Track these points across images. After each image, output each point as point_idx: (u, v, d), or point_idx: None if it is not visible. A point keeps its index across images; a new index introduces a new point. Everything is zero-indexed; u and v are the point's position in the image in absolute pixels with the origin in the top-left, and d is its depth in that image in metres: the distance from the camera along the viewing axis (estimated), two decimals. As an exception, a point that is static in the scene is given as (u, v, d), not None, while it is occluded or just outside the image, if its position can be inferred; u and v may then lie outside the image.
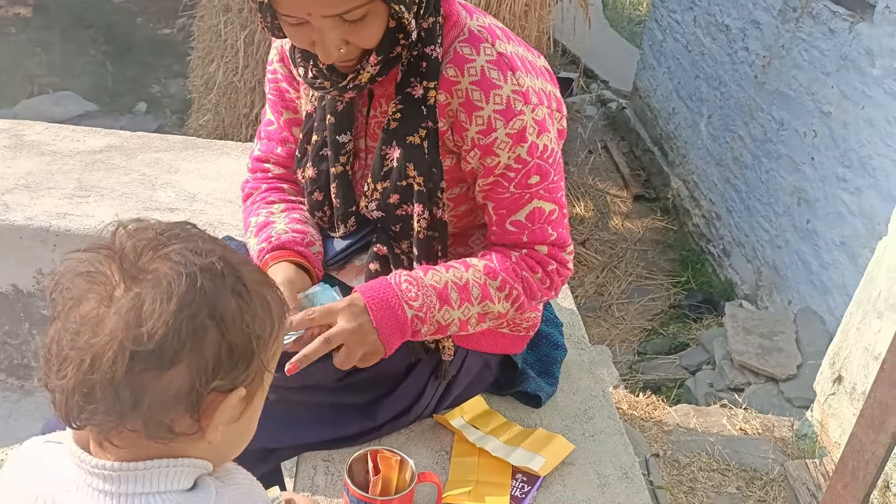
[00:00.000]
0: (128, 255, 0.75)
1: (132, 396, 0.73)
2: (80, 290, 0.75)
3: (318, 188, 1.42)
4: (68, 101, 5.98)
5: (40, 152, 2.19)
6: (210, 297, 0.75)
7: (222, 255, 0.78)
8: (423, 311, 1.27)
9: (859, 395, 2.22)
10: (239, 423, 0.82)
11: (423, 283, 1.29)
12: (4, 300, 1.95)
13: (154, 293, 0.73)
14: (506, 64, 1.28)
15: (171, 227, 0.79)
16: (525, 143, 1.29)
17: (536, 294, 1.37)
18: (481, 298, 1.32)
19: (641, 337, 5.22)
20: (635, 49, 8.27)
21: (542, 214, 1.34)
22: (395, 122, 1.31)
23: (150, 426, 0.75)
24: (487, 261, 1.34)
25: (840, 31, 4.46)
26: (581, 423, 1.56)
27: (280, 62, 1.47)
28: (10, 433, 1.95)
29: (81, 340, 0.72)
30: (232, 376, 0.77)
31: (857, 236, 4.14)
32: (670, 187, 6.40)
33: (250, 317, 0.78)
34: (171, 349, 0.73)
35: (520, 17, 4.41)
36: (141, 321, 0.72)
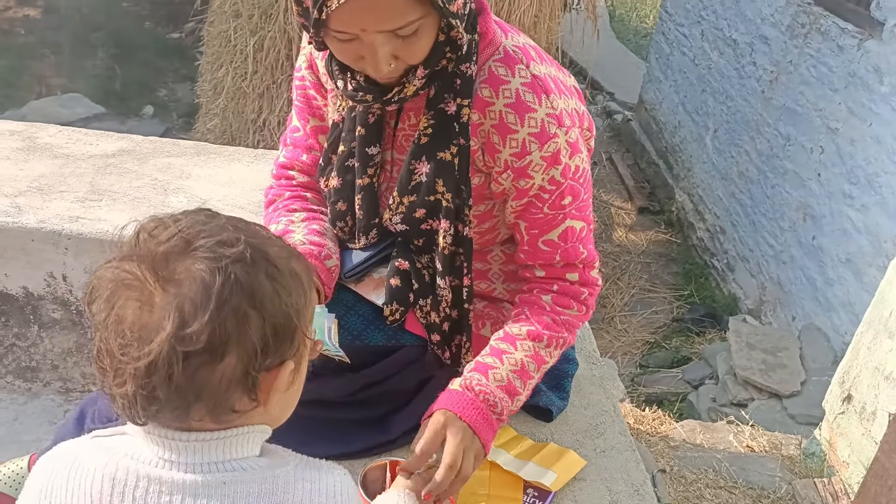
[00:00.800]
0: (159, 259, 0.78)
1: (193, 390, 0.77)
2: (119, 297, 0.77)
3: (342, 198, 1.42)
4: (76, 103, 5.99)
5: (53, 155, 2.19)
6: (246, 286, 0.77)
7: (247, 239, 0.80)
8: (504, 414, 1.30)
9: (869, 414, 2.22)
10: (291, 389, 0.86)
11: (492, 388, 1.29)
12: (14, 302, 1.95)
13: (192, 293, 0.76)
14: (540, 87, 1.28)
15: (192, 223, 0.81)
16: (559, 166, 1.30)
17: (577, 326, 1.40)
18: (538, 368, 1.35)
19: (644, 350, 5.22)
20: (642, 61, 8.29)
21: (574, 233, 1.36)
22: (426, 137, 1.31)
23: (214, 412, 0.80)
24: (528, 325, 1.35)
25: (848, 48, 4.47)
26: (592, 438, 1.55)
27: (309, 69, 1.46)
28: (15, 437, 1.94)
29: (133, 350, 0.76)
30: (280, 353, 0.81)
31: (863, 254, 4.14)
32: (675, 200, 6.40)
33: (286, 294, 0.81)
34: (220, 343, 0.76)
35: (529, 28, 4.42)
36: (186, 323, 0.75)
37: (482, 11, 1.31)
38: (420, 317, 1.44)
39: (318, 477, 0.86)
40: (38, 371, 2.02)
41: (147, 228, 0.80)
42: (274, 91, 4.51)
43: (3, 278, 1.92)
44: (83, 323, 1.97)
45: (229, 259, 0.77)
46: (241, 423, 0.83)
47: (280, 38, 4.35)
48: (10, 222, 1.87)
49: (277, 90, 4.49)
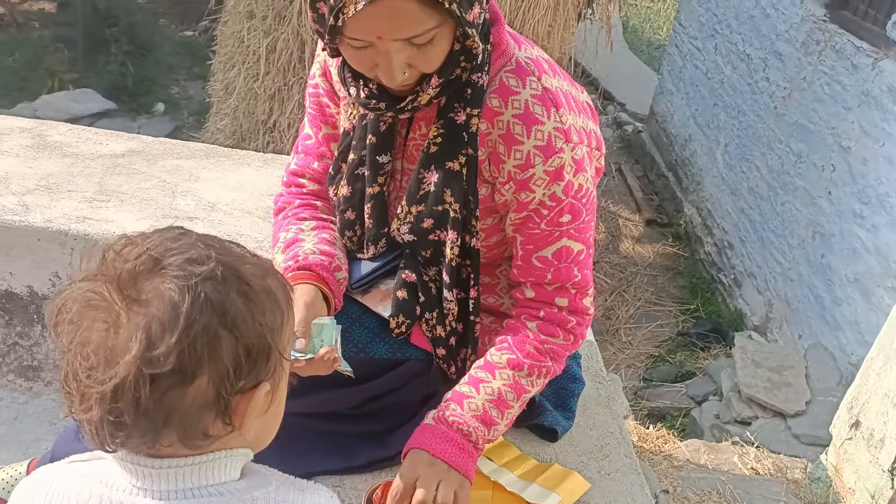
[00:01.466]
0: (125, 278, 0.74)
1: (162, 415, 0.74)
2: (85, 319, 0.74)
3: (351, 207, 1.40)
4: (87, 98, 6.00)
5: (62, 154, 2.18)
6: (217, 304, 0.74)
7: (218, 257, 0.77)
8: (480, 443, 1.30)
9: (877, 441, 2.20)
10: (268, 412, 0.83)
11: (466, 417, 1.28)
12: (19, 301, 1.94)
13: (160, 313, 0.72)
14: (550, 100, 1.26)
15: (161, 241, 0.78)
16: (561, 182, 1.28)
17: (563, 355, 1.37)
18: (517, 397, 1.33)
19: (648, 363, 5.20)
20: (653, 73, 8.28)
21: (569, 254, 1.33)
22: (436, 146, 1.30)
23: (185, 437, 0.76)
24: (508, 353, 1.33)
25: (863, 67, 4.45)
26: (597, 459, 1.53)
27: (322, 77, 1.45)
28: (15, 436, 1.93)
29: (99, 373, 0.72)
30: (254, 374, 0.78)
31: (872, 274, 4.11)
32: (683, 214, 6.38)
33: (260, 313, 0.78)
34: (189, 365, 0.73)
35: (543, 38, 4.41)
36: (153, 344, 0.72)
37: (496, 22, 1.29)
38: (426, 330, 1.42)
39: (301, 498, 0.83)
40: (39, 370, 2.01)
41: (115, 247, 0.77)
42: (285, 93, 4.51)
43: (8, 277, 1.91)
44: (87, 324, 1.96)
45: (199, 277, 0.74)
46: (217, 447, 0.80)
47: (293, 40, 4.35)
48: (16, 221, 1.86)
49: (289, 92, 4.49)
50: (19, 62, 6.39)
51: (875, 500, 2.13)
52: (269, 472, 0.86)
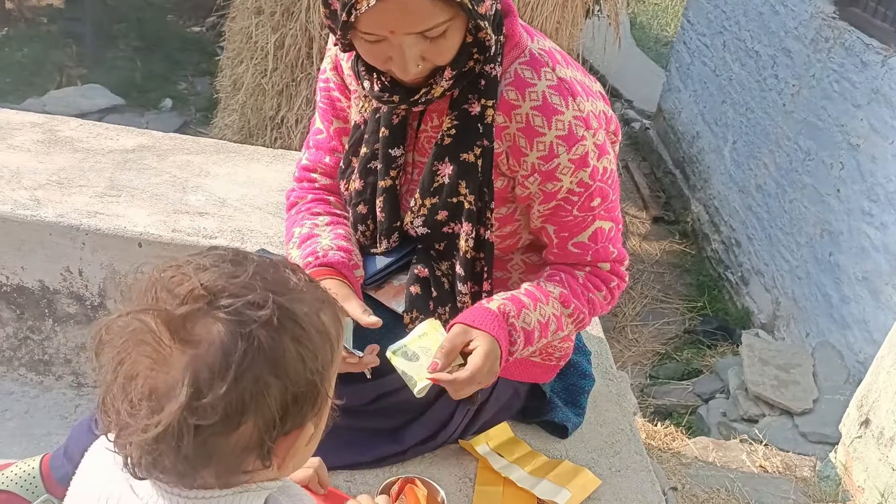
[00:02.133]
0: (176, 316, 0.72)
1: (202, 460, 0.73)
2: (132, 352, 0.72)
3: (363, 201, 1.41)
4: (96, 93, 6.01)
5: (73, 149, 2.19)
6: (269, 353, 0.72)
7: (276, 299, 0.74)
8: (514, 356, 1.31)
9: (887, 440, 2.19)
10: (307, 446, 0.82)
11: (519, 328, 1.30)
12: (30, 295, 1.95)
13: (210, 359, 0.70)
14: (566, 89, 1.27)
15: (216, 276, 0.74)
16: (587, 168, 1.29)
17: (599, 311, 1.41)
18: (555, 330, 1.35)
19: (654, 361, 5.18)
20: (661, 70, 8.25)
21: (603, 234, 1.36)
22: (450, 138, 1.30)
23: (223, 476, 0.75)
24: (561, 287, 1.36)
25: (872, 64, 4.43)
26: (607, 456, 1.53)
27: (333, 70, 1.45)
28: (26, 430, 1.94)
29: (142, 415, 0.71)
30: (300, 419, 0.77)
31: (880, 272, 4.09)
32: (690, 211, 6.36)
33: (311, 359, 0.76)
34: (235, 414, 0.71)
35: (551, 34, 4.39)
36: (201, 393, 0.70)
37: (509, 13, 1.30)
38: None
39: None
40: (50, 365, 2.02)
41: (164, 279, 0.74)
42: (293, 89, 4.51)
43: (19, 271, 1.92)
44: (98, 318, 1.97)
45: (256, 324, 0.71)
46: (249, 480, 0.78)
47: (301, 36, 4.34)
48: (28, 215, 1.87)
49: (297, 88, 4.48)
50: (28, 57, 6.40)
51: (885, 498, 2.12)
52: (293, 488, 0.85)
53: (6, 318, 1.97)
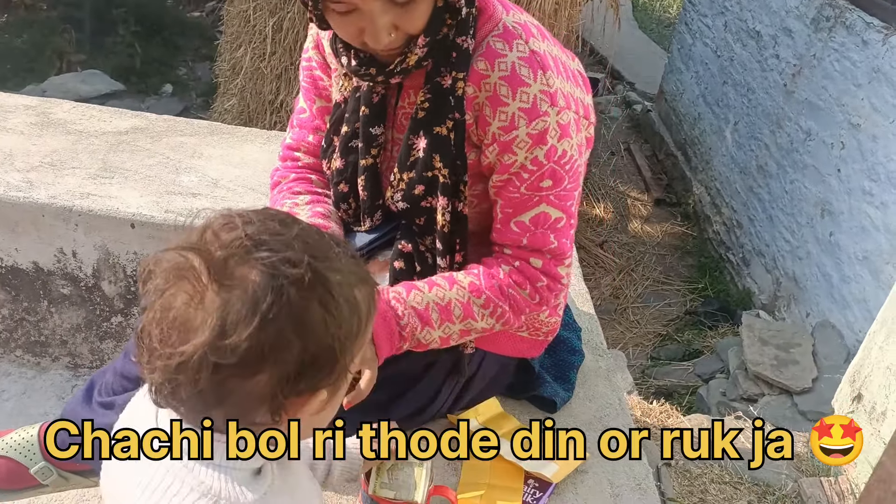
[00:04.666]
0: (217, 259, 0.76)
1: (215, 398, 0.77)
2: (172, 285, 0.76)
3: (344, 180, 1.41)
4: (96, 79, 6.00)
5: (66, 131, 2.20)
6: (296, 309, 0.75)
7: (311, 262, 0.77)
8: (407, 331, 1.28)
9: (878, 414, 2.20)
10: (318, 415, 0.84)
11: (407, 303, 1.29)
12: (25, 277, 1.96)
13: (240, 304, 0.74)
14: (537, 62, 1.26)
15: (261, 230, 0.78)
16: (544, 146, 1.27)
17: (524, 309, 1.36)
18: (463, 317, 1.32)
19: (655, 342, 5.19)
20: (663, 52, 8.21)
21: (546, 220, 1.33)
22: (423, 111, 1.30)
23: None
24: (473, 278, 1.33)
25: (873, 43, 4.40)
26: (596, 430, 1.54)
27: (315, 49, 1.46)
28: (23, 410, 1.96)
29: (169, 342, 0.75)
30: (314, 382, 0.79)
31: (881, 252, 4.08)
32: (692, 193, 6.34)
33: (335, 325, 0.78)
34: (253, 361, 0.74)
35: (549, 15, 4.38)
36: (225, 333, 0.73)
37: None
38: None
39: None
40: (47, 346, 2.04)
41: (215, 225, 0.79)
42: (292, 73, 4.50)
43: (14, 252, 1.93)
44: (92, 299, 1.98)
45: (287, 279, 0.75)
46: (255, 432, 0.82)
47: (299, 19, 4.33)
48: (21, 197, 1.88)
49: (295, 72, 4.47)
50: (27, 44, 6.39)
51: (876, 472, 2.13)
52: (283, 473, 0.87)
53: (1, 300, 1.98)
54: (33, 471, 1.43)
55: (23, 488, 1.44)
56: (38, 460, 1.43)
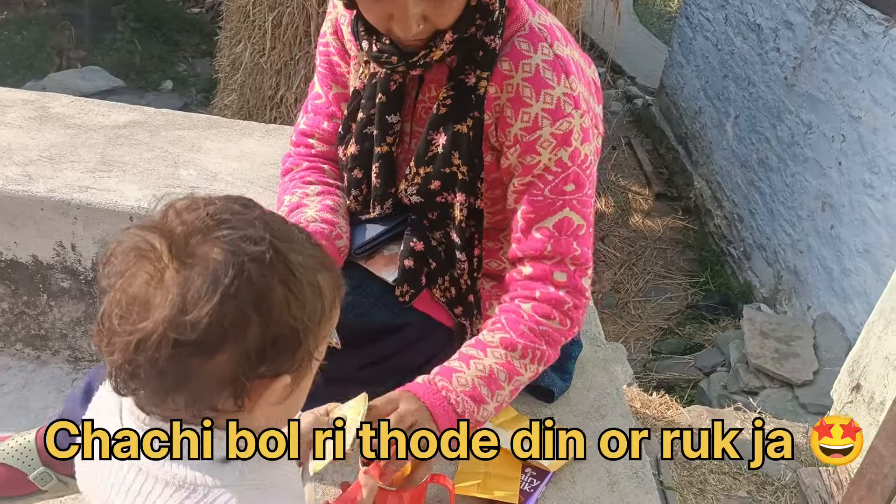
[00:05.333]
0: (179, 237, 0.75)
1: (175, 379, 0.75)
2: (132, 266, 0.76)
3: (358, 166, 1.41)
4: (95, 75, 6.00)
5: (65, 125, 2.20)
6: (257, 287, 0.74)
7: (273, 241, 0.77)
8: (467, 415, 1.24)
9: (877, 404, 2.20)
10: (283, 404, 0.83)
11: (455, 390, 1.24)
12: (24, 271, 1.97)
13: (201, 280, 0.73)
14: (561, 66, 1.26)
15: (223, 209, 0.78)
16: (569, 147, 1.27)
17: (559, 340, 1.32)
18: (509, 378, 1.27)
19: (657, 336, 5.19)
20: (664, 46, 8.20)
21: (570, 226, 1.30)
22: (445, 107, 1.30)
23: (192, 405, 0.78)
24: (502, 332, 1.29)
25: (874, 35, 4.39)
26: (593, 420, 1.55)
27: (333, 35, 1.45)
28: (24, 403, 1.97)
29: (129, 321, 0.74)
30: (276, 364, 0.78)
31: (882, 244, 4.08)
32: (693, 187, 6.34)
33: (297, 306, 0.77)
34: (213, 338, 0.73)
35: (550, 8, 4.37)
36: (186, 309, 0.72)
37: None
38: (439, 296, 1.43)
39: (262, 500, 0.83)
40: (47, 339, 2.04)
41: (178, 205, 0.78)
42: (291, 68, 4.50)
43: (13, 246, 1.94)
44: (92, 293, 1.99)
45: (248, 256, 0.74)
46: (219, 423, 0.80)
47: (298, 14, 4.33)
48: (20, 191, 1.89)
49: (295, 67, 4.47)
50: (27, 40, 6.40)
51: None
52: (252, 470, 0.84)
53: (1, 294, 1.99)
54: (32, 476, 1.42)
55: (22, 495, 1.44)
56: (36, 465, 1.42)
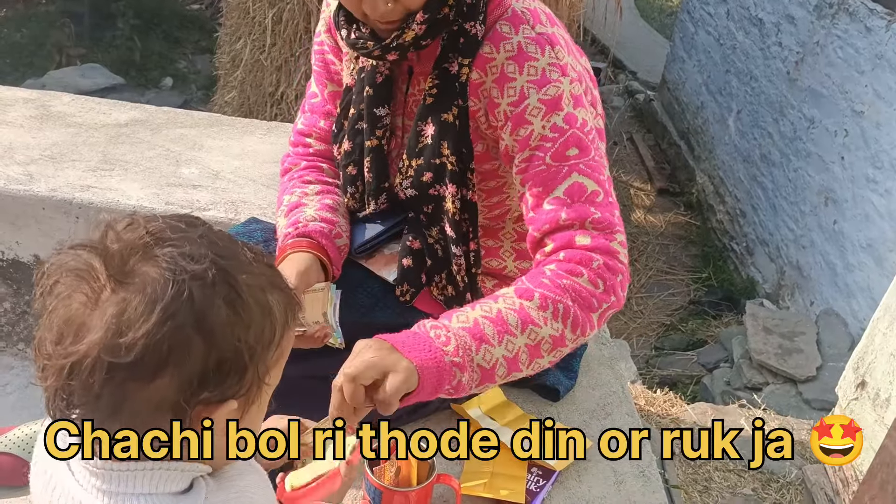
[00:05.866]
0: (115, 257, 0.72)
1: (111, 405, 0.71)
2: (68, 287, 0.72)
3: (352, 162, 1.41)
4: (95, 73, 6.00)
5: (66, 124, 2.19)
6: (198, 306, 0.71)
7: (216, 259, 0.74)
8: (460, 355, 1.09)
9: (882, 401, 2.19)
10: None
11: (450, 327, 1.12)
12: (26, 270, 1.96)
13: (138, 300, 0.70)
14: (545, 40, 1.24)
15: (164, 228, 0.75)
16: (560, 112, 1.22)
17: (591, 301, 1.17)
18: (522, 325, 1.13)
19: (659, 332, 5.18)
20: (665, 41, 8.18)
21: (582, 191, 1.21)
22: (431, 97, 1.30)
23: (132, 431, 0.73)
24: (518, 284, 1.19)
25: (876, 30, 4.37)
26: (599, 418, 1.54)
27: (327, 33, 1.46)
28: (27, 402, 1.96)
29: (63, 346, 0.71)
30: (221, 389, 0.74)
31: (885, 239, 4.07)
32: (695, 182, 6.33)
33: (243, 328, 0.74)
34: (151, 361, 0.70)
35: (551, 4, 4.35)
36: (121, 332, 0.69)
37: None
38: (437, 294, 1.42)
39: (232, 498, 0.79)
40: (49, 339, 2.03)
41: (116, 226, 0.75)
42: (292, 64, 4.49)
43: (14, 246, 1.93)
44: (94, 292, 1.98)
45: (188, 274, 0.71)
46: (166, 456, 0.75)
47: (299, 10, 4.32)
48: (22, 190, 1.88)
49: (295, 63, 4.46)
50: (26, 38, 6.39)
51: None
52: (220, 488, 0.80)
53: (3, 294, 1.98)
54: None
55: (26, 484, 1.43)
56: None
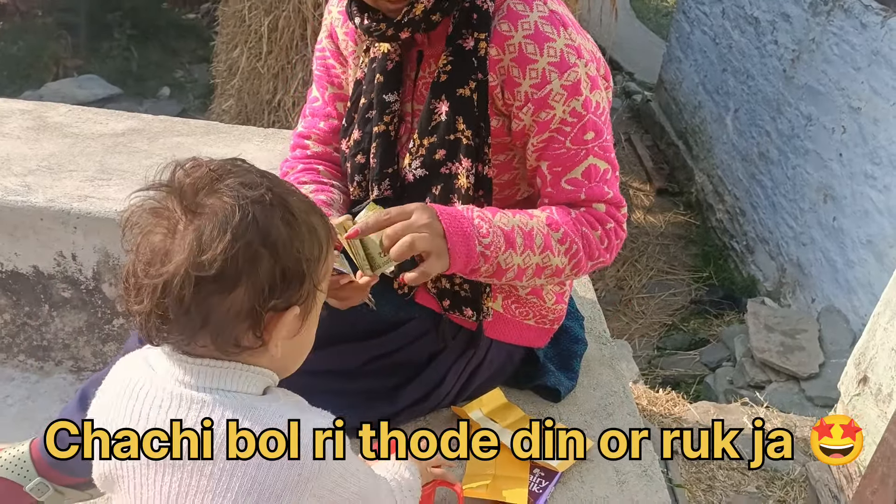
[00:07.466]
0: (187, 192, 0.85)
1: (200, 316, 0.84)
2: (149, 224, 0.85)
3: (361, 151, 1.42)
4: (93, 84, 6.01)
5: (63, 134, 2.19)
6: (262, 226, 0.84)
7: (271, 186, 0.87)
8: (490, 250, 1.23)
9: (885, 396, 2.19)
10: (297, 338, 0.91)
11: (493, 222, 1.25)
12: (25, 282, 1.96)
13: (211, 225, 0.82)
14: (558, 20, 1.29)
15: (224, 164, 0.88)
16: (580, 97, 1.29)
17: (594, 252, 1.33)
18: (543, 248, 1.27)
19: (661, 332, 5.18)
20: (662, 41, 8.19)
21: (597, 173, 1.33)
22: (445, 74, 1.31)
23: (218, 342, 0.86)
24: (549, 213, 1.31)
25: (872, 26, 4.38)
26: (600, 419, 1.53)
27: (328, 38, 1.49)
28: (28, 414, 1.96)
29: (153, 270, 0.83)
30: (286, 296, 0.87)
31: (885, 235, 4.07)
32: (694, 182, 6.33)
33: (299, 242, 0.87)
34: (230, 274, 0.82)
35: (545, 6, 4.36)
36: (202, 251, 0.81)
37: None
38: (430, 287, 1.42)
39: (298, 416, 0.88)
40: (49, 350, 2.03)
41: (184, 166, 0.87)
42: (289, 72, 4.50)
43: (13, 257, 1.93)
44: (94, 302, 1.98)
45: (249, 199, 0.83)
46: (245, 359, 0.88)
47: (294, 18, 4.33)
48: (19, 201, 1.88)
49: (292, 71, 4.47)
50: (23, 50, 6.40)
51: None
52: (287, 394, 0.93)
53: (3, 305, 1.98)
54: (28, 488, 1.39)
55: None
56: (32, 476, 1.39)
